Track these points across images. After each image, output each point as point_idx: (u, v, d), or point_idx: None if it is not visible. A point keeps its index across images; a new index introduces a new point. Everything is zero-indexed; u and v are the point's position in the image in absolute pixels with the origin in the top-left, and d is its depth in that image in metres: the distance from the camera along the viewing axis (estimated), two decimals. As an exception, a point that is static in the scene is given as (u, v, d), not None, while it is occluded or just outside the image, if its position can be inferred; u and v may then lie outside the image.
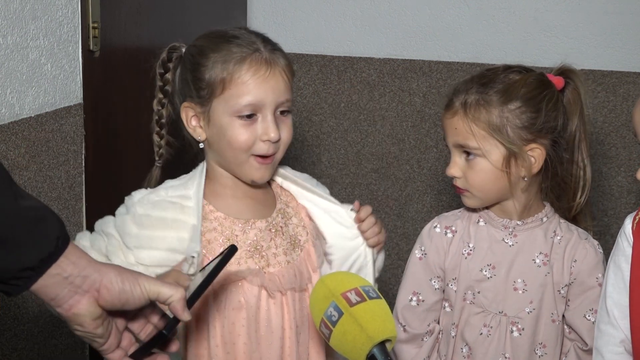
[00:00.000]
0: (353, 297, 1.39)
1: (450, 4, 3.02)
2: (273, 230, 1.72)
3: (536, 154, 1.83)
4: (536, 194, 1.89)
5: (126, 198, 1.72)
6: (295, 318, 1.70)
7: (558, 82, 1.87)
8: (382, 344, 1.38)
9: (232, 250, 1.44)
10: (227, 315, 1.66)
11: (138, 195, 1.71)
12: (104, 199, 2.42)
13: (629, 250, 1.75)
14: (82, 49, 2.29)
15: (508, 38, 2.98)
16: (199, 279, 1.40)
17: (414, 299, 1.95)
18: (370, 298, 1.40)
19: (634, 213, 1.78)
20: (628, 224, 1.77)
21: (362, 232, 1.79)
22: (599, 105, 2.90)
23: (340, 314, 1.38)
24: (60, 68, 2.22)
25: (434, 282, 1.94)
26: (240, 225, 1.69)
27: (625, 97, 2.88)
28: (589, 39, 2.90)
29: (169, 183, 1.74)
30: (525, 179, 1.84)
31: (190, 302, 1.32)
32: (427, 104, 3.07)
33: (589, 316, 1.86)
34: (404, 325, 1.95)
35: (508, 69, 1.87)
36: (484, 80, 1.84)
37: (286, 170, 1.81)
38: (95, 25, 2.32)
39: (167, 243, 1.64)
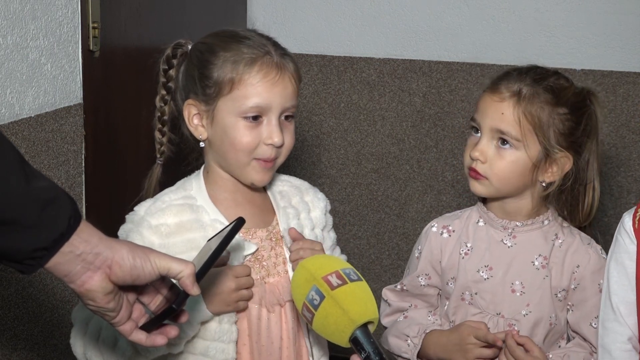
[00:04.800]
0: (334, 280, 1.40)
1: (450, 4, 3.02)
2: (274, 240, 1.71)
3: (565, 161, 1.83)
4: (543, 198, 1.89)
5: (128, 215, 1.69)
6: (294, 327, 1.69)
7: None
8: (364, 326, 1.38)
9: (239, 222, 1.44)
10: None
11: (142, 208, 1.68)
12: (104, 199, 2.42)
13: (631, 248, 1.75)
14: (82, 49, 2.30)
15: (508, 38, 2.98)
16: (206, 251, 1.41)
17: (398, 286, 2.00)
18: (352, 280, 1.41)
19: (633, 210, 1.78)
20: (628, 222, 1.77)
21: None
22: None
23: (322, 297, 1.39)
24: (60, 68, 2.22)
25: (421, 278, 1.96)
26: (241, 234, 1.68)
27: (625, 97, 2.88)
28: (589, 39, 2.90)
29: (166, 190, 1.73)
30: (543, 184, 1.84)
31: (198, 276, 1.34)
32: (427, 104, 3.07)
33: (595, 324, 1.86)
34: (386, 300, 2.00)
35: (556, 74, 1.87)
36: (537, 76, 1.84)
37: (280, 180, 1.80)
38: (95, 25, 2.32)
39: (195, 243, 1.62)
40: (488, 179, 1.84)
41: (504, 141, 1.82)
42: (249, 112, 1.63)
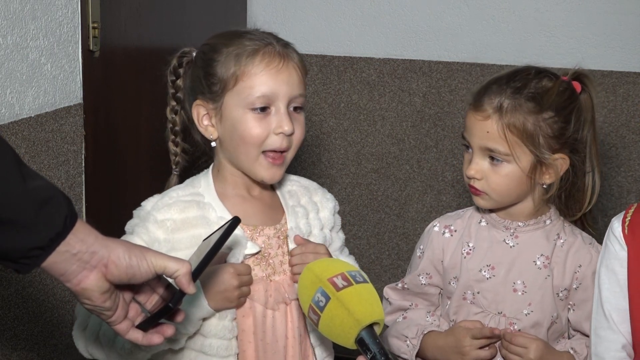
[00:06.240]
0: (340, 282, 1.40)
1: (450, 4, 3.02)
2: (281, 238, 1.71)
3: (560, 163, 1.83)
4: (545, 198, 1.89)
5: (135, 210, 1.69)
6: (299, 327, 1.69)
7: (576, 87, 1.87)
8: (370, 327, 1.39)
9: (235, 222, 1.44)
10: (238, 322, 1.65)
11: (149, 203, 1.68)
12: (104, 199, 2.42)
13: (622, 254, 1.74)
14: (82, 49, 2.30)
15: (508, 38, 2.98)
16: (202, 250, 1.41)
17: (399, 284, 2.00)
18: (357, 282, 1.41)
19: (621, 215, 1.77)
20: (617, 227, 1.75)
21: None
22: (599, 106, 2.89)
23: (328, 299, 1.39)
24: (60, 68, 2.22)
25: (422, 277, 1.96)
26: (248, 232, 1.68)
27: (625, 97, 2.88)
28: (589, 39, 2.90)
29: (174, 187, 1.73)
30: (545, 186, 1.84)
31: (195, 275, 1.33)
32: (427, 104, 3.07)
33: None
34: (387, 298, 2.00)
35: (539, 73, 1.85)
36: (517, 85, 1.82)
37: (289, 180, 1.80)
38: (95, 25, 2.32)
39: (200, 240, 1.59)
40: (487, 194, 1.84)
41: (493, 157, 1.82)
42: (256, 102, 1.62)
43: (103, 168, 2.42)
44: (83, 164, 2.32)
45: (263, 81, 1.62)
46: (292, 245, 1.71)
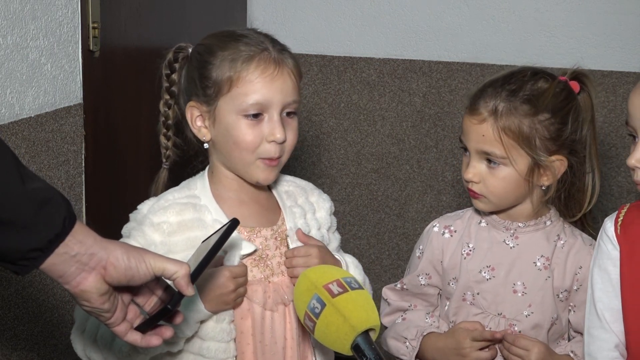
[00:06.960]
0: (335, 288, 1.41)
1: (450, 4, 3.02)
2: (279, 239, 1.71)
3: (558, 165, 1.83)
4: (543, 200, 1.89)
5: (132, 214, 1.69)
6: (298, 328, 1.69)
7: (574, 86, 1.87)
8: (366, 333, 1.39)
9: (234, 223, 1.44)
10: (236, 324, 1.65)
11: (145, 206, 1.68)
12: (104, 199, 2.42)
13: (614, 254, 1.74)
14: (82, 49, 2.30)
15: (508, 38, 2.98)
16: (201, 252, 1.41)
17: (398, 285, 1.99)
18: (352, 289, 1.42)
19: (614, 215, 1.77)
20: (610, 227, 1.75)
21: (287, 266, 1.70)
22: (599, 106, 2.89)
23: (323, 305, 1.39)
24: (60, 68, 2.22)
25: (421, 277, 1.95)
26: (245, 233, 1.68)
27: (625, 97, 2.88)
28: (589, 39, 2.90)
29: (170, 189, 1.73)
30: (544, 187, 1.84)
31: (193, 277, 1.34)
32: (427, 104, 3.07)
33: None
34: (386, 299, 1.99)
35: (535, 74, 1.84)
36: (512, 87, 1.81)
37: (285, 181, 1.80)
38: (95, 25, 2.32)
39: (196, 242, 1.60)
40: (486, 197, 1.84)
41: (490, 160, 1.82)
42: (249, 109, 1.63)
43: (103, 168, 2.42)
44: (83, 164, 2.32)
45: (257, 88, 1.62)
46: (292, 244, 1.71)
